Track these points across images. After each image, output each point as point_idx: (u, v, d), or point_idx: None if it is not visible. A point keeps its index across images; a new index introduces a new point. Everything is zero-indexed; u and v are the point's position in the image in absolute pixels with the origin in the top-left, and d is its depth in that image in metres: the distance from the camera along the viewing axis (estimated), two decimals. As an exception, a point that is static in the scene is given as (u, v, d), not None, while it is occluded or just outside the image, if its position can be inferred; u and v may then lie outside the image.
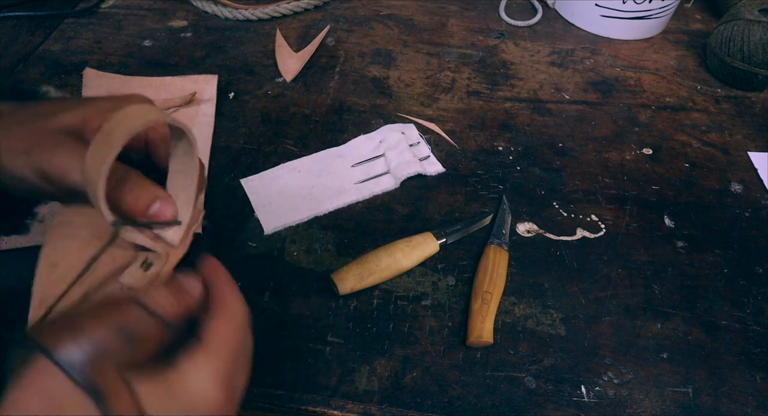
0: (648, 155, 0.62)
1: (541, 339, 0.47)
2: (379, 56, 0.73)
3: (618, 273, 0.51)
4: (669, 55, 0.75)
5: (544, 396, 0.44)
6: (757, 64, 0.67)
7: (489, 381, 0.44)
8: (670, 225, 0.55)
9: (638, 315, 0.49)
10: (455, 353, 0.46)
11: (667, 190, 0.59)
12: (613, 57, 0.74)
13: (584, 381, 0.45)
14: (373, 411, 0.43)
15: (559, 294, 0.50)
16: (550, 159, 0.61)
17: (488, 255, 0.50)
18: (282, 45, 0.73)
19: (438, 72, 0.71)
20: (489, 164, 0.60)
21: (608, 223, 0.55)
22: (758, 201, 0.58)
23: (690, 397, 0.44)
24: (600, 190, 0.58)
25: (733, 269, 0.52)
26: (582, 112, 0.67)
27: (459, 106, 0.67)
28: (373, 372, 0.44)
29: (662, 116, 0.67)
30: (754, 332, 0.48)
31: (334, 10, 0.80)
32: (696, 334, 0.48)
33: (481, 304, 0.47)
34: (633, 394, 0.44)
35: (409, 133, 0.62)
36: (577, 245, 0.53)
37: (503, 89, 0.69)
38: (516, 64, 0.73)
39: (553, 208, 0.56)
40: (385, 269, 0.48)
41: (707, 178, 0.60)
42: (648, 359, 0.46)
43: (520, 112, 0.66)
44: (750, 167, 0.61)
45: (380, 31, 0.77)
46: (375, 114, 0.65)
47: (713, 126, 0.66)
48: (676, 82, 0.71)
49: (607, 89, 0.70)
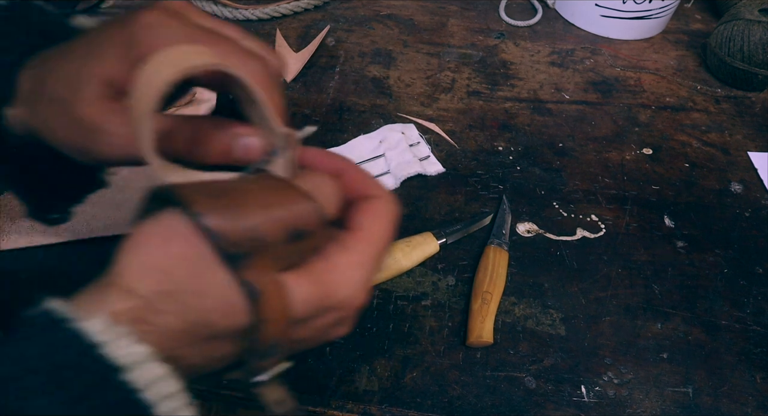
0: (648, 155, 0.62)
1: (541, 339, 0.47)
2: (379, 56, 0.73)
3: (618, 273, 0.51)
4: (669, 55, 0.75)
5: (544, 396, 0.44)
6: (757, 64, 0.67)
7: (489, 381, 0.44)
8: (670, 225, 0.55)
9: (638, 315, 0.49)
10: (455, 353, 0.46)
11: (667, 190, 0.59)
12: (613, 57, 0.74)
13: (584, 381, 0.45)
14: (373, 411, 0.43)
15: (559, 294, 0.50)
16: (550, 159, 0.61)
17: (488, 255, 0.50)
18: (282, 45, 0.73)
19: (438, 72, 0.71)
20: (489, 164, 0.60)
21: (608, 223, 0.55)
22: (758, 201, 0.58)
23: (690, 397, 0.44)
24: (600, 190, 0.58)
25: (733, 269, 0.52)
26: (582, 112, 0.67)
27: (459, 106, 0.67)
28: (373, 372, 0.44)
29: (662, 116, 0.67)
30: (754, 332, 0.48)
31: (334, 10, 0.80)
32: (696, 334, 0.48)
33: (481, 304, 0.47)
34: (633, 394, 0.44)
35: (409, 133, 0.62)
36: (577, 245, 0.53)
37: (503, 89, 0.69)
38: (516, 64, 0.73)
39: (553, 208, 0.56)
40: (385, 269, 0.48)
41: (707, 178, 0.60)
42: (648, 359, 0.46)
43: (520, 112, 0.66)
44: (750, 167, 0.61)
45: (380, 31, 0.77)
46: (375, 114, 0.65)
47: (713, 126, 0.66)
48: (676, 83, 0.71)
49: (607, 89, 0.70)
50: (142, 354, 0.22)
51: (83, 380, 0.21)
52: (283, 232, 0.24)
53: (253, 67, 0.28)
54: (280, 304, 0.24)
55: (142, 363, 0.22)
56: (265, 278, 0.24)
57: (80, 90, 0.28)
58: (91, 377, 0.21)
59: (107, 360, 0.21)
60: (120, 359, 0.21)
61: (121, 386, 0.21)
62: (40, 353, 0.21)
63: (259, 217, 0.24)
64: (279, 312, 0.24)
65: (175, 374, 0.23)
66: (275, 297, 0.24)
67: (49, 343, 0.21)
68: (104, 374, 0.21)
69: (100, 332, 0.22)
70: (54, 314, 0.22)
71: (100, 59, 0.28)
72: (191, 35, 0.27)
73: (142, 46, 0.27)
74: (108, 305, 0.23)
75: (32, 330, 0.22)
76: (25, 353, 0.21)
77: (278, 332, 0.24)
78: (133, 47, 0.27)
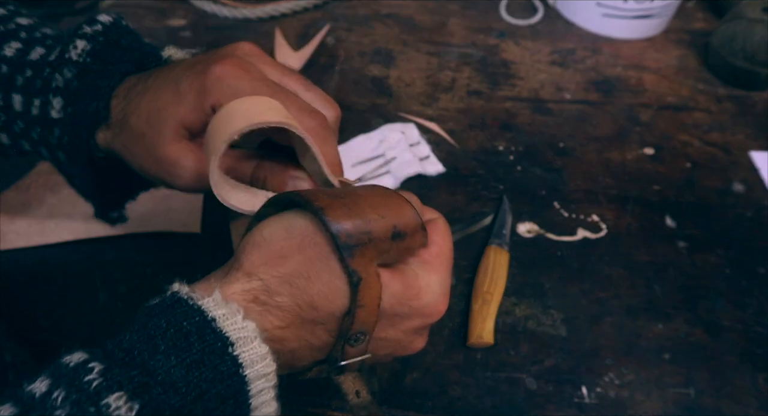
0: (649, 155, 0.62)
1: (542, 339, 0.47)
2: (379, 56, 0.73)
3: (619, 274, 0.51)
4: (671, 55, 0.75)
5: (545, 397, 0.44)
6: (759, 64, 0.66)
7: (489, 382, 0.44)
8: (672, 225, 0.55)
9: (639, 316, 0.48)
10: (456, 353, 0.46)
11: (668, 190, 0.58)
12: (614, 56, 0.74)
13: (585, 381, 0.45)
14: (373, 411, 0.42)
15: (559, 295, 0.50)
16: (551, 159, 0.61)
17: (489, 256, 0.50)
18: (282, 44, 0.73)
19: (438, 71, 0.71)
20: (489, 164, 0.60)
21: (609, 223, 0.55)
22: (760, 201, 0.58)
23: (692, 398, 0.44)
24: (601, 190, 0.58)
25: (735, 269, 0.52)
26: (583, 111, 0.67)
27: (459, 105, 0.66)
28: (374, 373, 0.44)
29: (664, 116, 0.66)
30: (756, 332, 0.48)
31: (334, 10, 0.80)
32: (698, 335, 0.48)
33: (482, 305, 0.46)
34: (634, 395, 0.44)
35: (409, 133, 0.62)
36: (578, 246, 0.53)
37: (504, 89, 0.69)
38: (517, 64, 0.72)
39: (554, 208, 0.56)
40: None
41: (709, 178, 0.60)
42: (649, 360, 0.46)
43: (521, 111, 0.66)
44: (752, 167, 0.61)
45: (380, 30, 0.77)
46: (375, 114, 0.65)
47: (715, 126, 0.65)
48: (678, 82, 0.71)
49: (608, 89, 0.69)
50: (250, 330, 0.26)
51: (202, 347, 0.25)
52: (389, 230, 0.28)
53: (310, 124, 0.32)
54: (374, 293, 0.27)
55: (250, 339, 0.25)
56: (367, 269, 0.27)
57: (161, 131, 0.33)
58: (209, 346, 0.25)
59: (222, 333, 0.25)
60: (231, 333, 0.25)
61: (231, 359, 0.25)
62: (167, 322, 0.25)
63: (371, 214, 0.28)
64: (372, 299, 0.27)
65: (275, 356, 0.26)
66: (372, 286, 0.27)
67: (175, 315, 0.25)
68: (219, 345, 0.25)
69: (216, 307, 0.25)
70: (178, 294, 0.26)
71: (177, 105, 0.33)
72: (257, 89, 0.32)
73: (212, 96, 0.32)
74: (229, 286, 0.27)
75: (160, 307, 0.26)
76: (156, 323, 0.25)
77: (369, 320, 0.28)
78: (206, 96, 0.32)
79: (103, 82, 0.35)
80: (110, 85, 0.35)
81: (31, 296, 0.49)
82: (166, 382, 0.24)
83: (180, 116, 0.33)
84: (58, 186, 0.54)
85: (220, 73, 0.32)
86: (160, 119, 0.33)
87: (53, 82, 0.36)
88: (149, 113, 0.34)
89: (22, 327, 0.46)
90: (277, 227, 0.29)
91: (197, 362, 0.24)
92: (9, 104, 0.37)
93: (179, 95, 0.33)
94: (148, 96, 0.34)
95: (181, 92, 0.33)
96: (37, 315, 0.47)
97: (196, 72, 0.33)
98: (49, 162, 0.40)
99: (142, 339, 0.25)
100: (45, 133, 0.37)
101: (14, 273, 0.49)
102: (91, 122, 0.35)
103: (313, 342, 0.29)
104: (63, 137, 0.36)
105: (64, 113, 0.36)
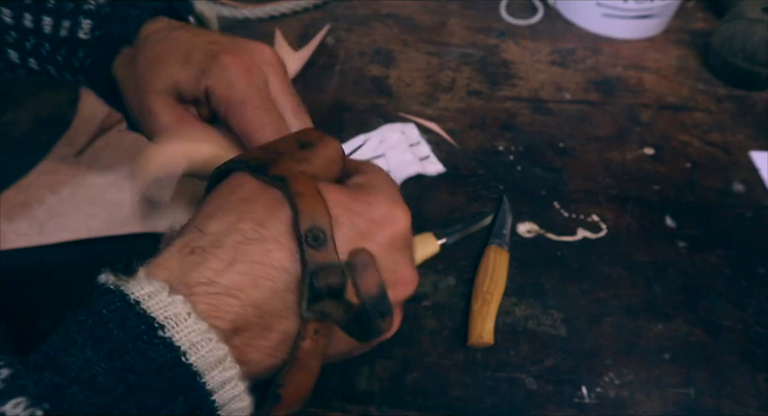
0: (649, 155, 0.62)
1: (542, 339, 0.47)
2: (379, 55, 0.73)
3: (619, 274, 0.51)
4: (671, 55, 0.75)
5: (545, 397, 0.44)
6: (759, 64, 0.66)
7: (489, 382, 0.44)
8: (672, 225, 0.55)
9: (640, 316, 0.48)
10: (456, 354, 0.46)
11: (668, 190, 0.58)
12: (614, 56, 0.74)
13: (585, 381, 0.45)
14: (373, 411, 0.42)
15: (559, 295, 0.50)
16: (551, 159, 0.61)
17: (489, 256, 0.50)
18: (282, 44, 0.73)
19: (438, 71, 0.71)
20: (489, 164, 0.60)
21: (609, 223, 0.55)
22: (760, 201, 0.58)
23: (692, 398, 0.44)
24: (601, 190, 0.58)
25: (735, 269, 0.52)
26: (583, 111, 0.66)
27: (459, 105, 0.66)
28: (373, 373, 0.44)
29: (664, 116, 0.66)
30: (757, 333, 0.48)
31: (334, 10, 0.80)
32: (698, 335, 0.48)
33: (482, 305, 0.46)
34: (634, 395, 0.44)
35: (409, 133, 0.62)
36: (578, 246, 0.53)
37: (504, 89, 0.69)
38: (517, 64, 0.72)
39: (554, 208, 0.56)
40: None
41: (709, 178, 0.60)
42: (649, 360, 0.46)
43: (521, 111, 0.66)
44: (752, 167, 0.61)
45: (380, 30, 0.77)
46: (375, 114, 0.65)
47: (715, 126, 0.65)
48: (678, 82, 0.71)
49: (608, 89, 0.69)
50: (179, 305, 0.23)
51: (123, 333, 0.22)
52: (293, 143, 0.31)
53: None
54: (308, 184, 0.27)
55: (182, 317, 0.23)
56: (291, 171, 0.28)
57: (156, 82, 0.36)
58: (131, 331, 0.22)
59: (147, 314, 0.23)
60: (158, 313, 0.23)
61: (162, 343, 0.22)
62: (86, 314, 0.23)
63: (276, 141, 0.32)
64: (308, 188, 0.27)
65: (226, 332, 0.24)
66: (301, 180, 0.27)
67: (95, 304, 0.23)
68: (143, 328, 0.22)
69: (138, 288, 0.24)
70: (105, 284, 0.24)
71: (181, 69, 0.35)
72: (246, 96, 0.34)
73: (209, 79, 0.35)
74: (167, 256, 0.26)
75: (87, 301, 0.24)
76: (76, 318, 0.23)
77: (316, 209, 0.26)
78: (205, 77, 0.35)
79: (135, 11, 0.38)
80: (141, 15, 0.38)
81: (31, 296, 0.48)
82: (83, 379, 0.21)
83: (178, 78, 0.35)
84: (58, 186, 0.54)
85: (225, 64, 0.35)
86: (162, 73, 0.36)
87: (85, 5, 0.38)
88: (156, 61, 0.36)
89: (22, 327, 0.46)
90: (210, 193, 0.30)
91: (118, 351, 0.22)
92: (39, 27, 0.38)
93: (186, 62, 0.36)
94: (163, 46, 0.37)
95: (189, 61, 0.36)
96: (37, 315, 0.47)
97: (209, 52, 0.35)
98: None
99: (60, 336, 0.22)
100: (70, 54, 0.39)
101: (14, 273, 0.49)
102: (116, 46, 0.38)
103: (272, 274, 0.25)
104: (86, 59, 0.38)
105: (92, 36, 0.38)
